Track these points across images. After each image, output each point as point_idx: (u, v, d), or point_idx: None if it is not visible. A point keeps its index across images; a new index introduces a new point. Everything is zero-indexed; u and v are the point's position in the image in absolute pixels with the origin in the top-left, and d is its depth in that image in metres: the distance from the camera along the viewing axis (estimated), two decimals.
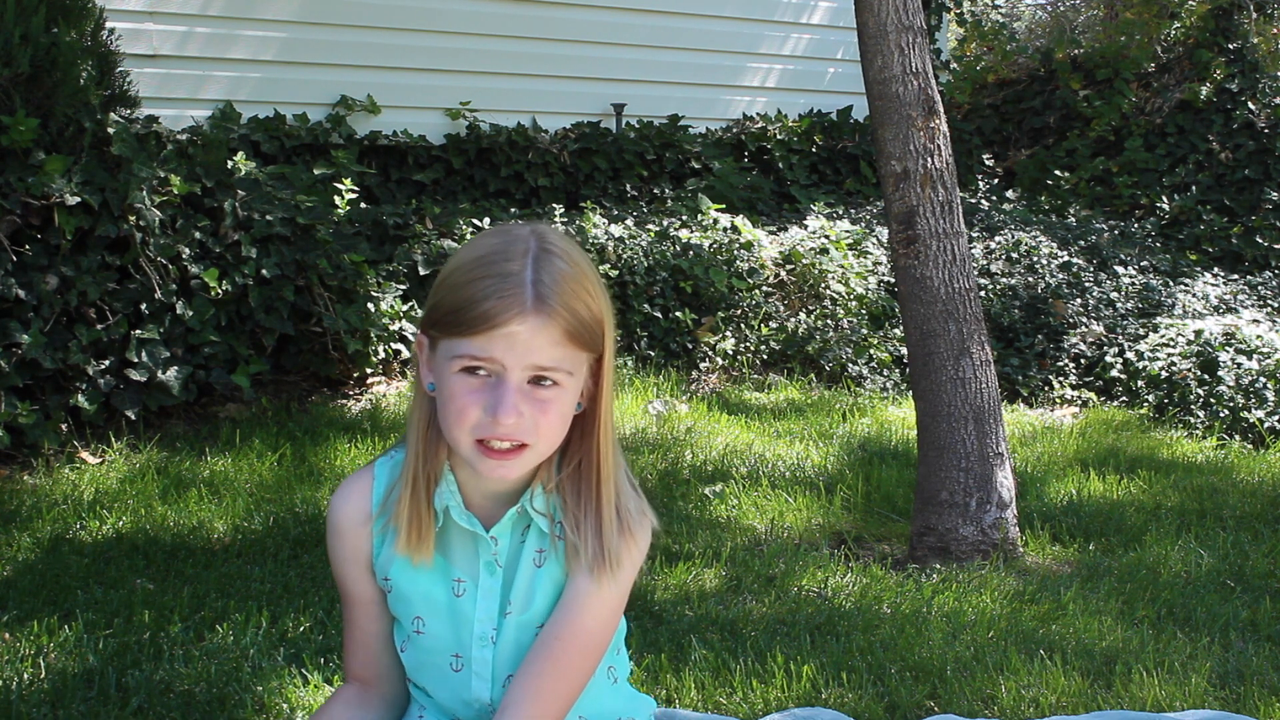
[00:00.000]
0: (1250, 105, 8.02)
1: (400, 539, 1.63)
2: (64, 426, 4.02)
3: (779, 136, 7.71)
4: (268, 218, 4.52)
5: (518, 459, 1.55)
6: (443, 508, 1.64)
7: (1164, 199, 7.90)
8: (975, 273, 4.02)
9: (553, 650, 1.61)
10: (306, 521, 3.51)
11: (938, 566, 3.46)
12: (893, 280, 6.08)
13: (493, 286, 1.50)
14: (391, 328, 4.86)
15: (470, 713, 1.71)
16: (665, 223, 6.09)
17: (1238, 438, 5.21)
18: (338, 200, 5.20)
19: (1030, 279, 6.45)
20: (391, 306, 4.88)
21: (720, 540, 3.56)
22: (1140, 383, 5.72)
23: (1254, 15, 8.29)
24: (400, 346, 4.93)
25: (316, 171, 5.55)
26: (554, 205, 6.35)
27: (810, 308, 6.07)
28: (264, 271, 4.46)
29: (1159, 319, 6.21)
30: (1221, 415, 5.33)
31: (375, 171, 6.21)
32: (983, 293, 6.25)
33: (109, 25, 4.42)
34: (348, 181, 5.33)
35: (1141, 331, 6.11)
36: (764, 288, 6.00)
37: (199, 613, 2.91)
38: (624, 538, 1.63)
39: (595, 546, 1.61)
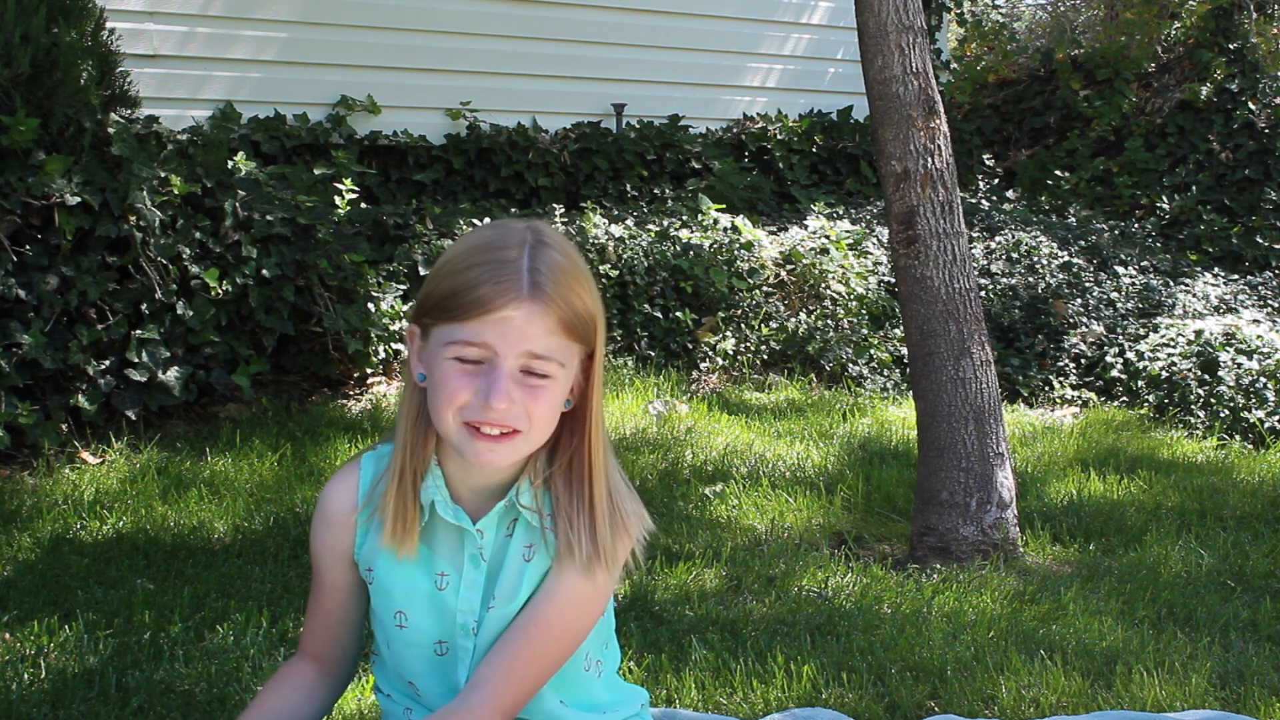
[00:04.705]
0: (1250, 105, 8.02)
1: (386, 530, 1.64)
2: (64, 426, 4.02)
3: (779, 136, 7.71)
4: (268, 218, 4.52)
5: (509, 444, 1.56)
6: (428, 502, 1.65)
7: (1164, 199, 7.90)
8: (975, 273, 4.02)
9: (529, 634, 1.62)
10: (307, 521, 3.50)
11: (938, 566, 3.46)
12: (893, 280, 6.08)
13: (489, 273, 1.51)
14: (392, 328, 4.86)
15: None
16: (665, 223, 6.09)
17: (1238, 438, 5.21)
18: (338, 200, 5.20)
19: (1030, 279, 6.45)
20: (392, 306, 4.88)
21: (720, 540, 3.56)
22: (1140, 383, 5.72)
23: (1254, 15, 8.29)
24: (400, 347, 4.92)
25: (317, 171, 5.55)
26: (554, 205, 6.35)
27: (810, 308, 6.07)
28: (264, 271, 4.46)
29: (1159, 319, 6.21)
30: (1222, 415, 5.33)
31: (375, 171, 6.21)
32: (983, 293, 6.25)
33: (109, 25, 4.42)
34: (348, 181, 5.33)
35: (1142, 331, 6.11)
36: (764, 288, 6.00)
37: (199, 613, 2.91)
38: (618, 534, 1.64)
39: (589, 543, 1.62)
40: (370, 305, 4.78)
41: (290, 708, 1.73)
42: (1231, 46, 8.14)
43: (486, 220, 5.62)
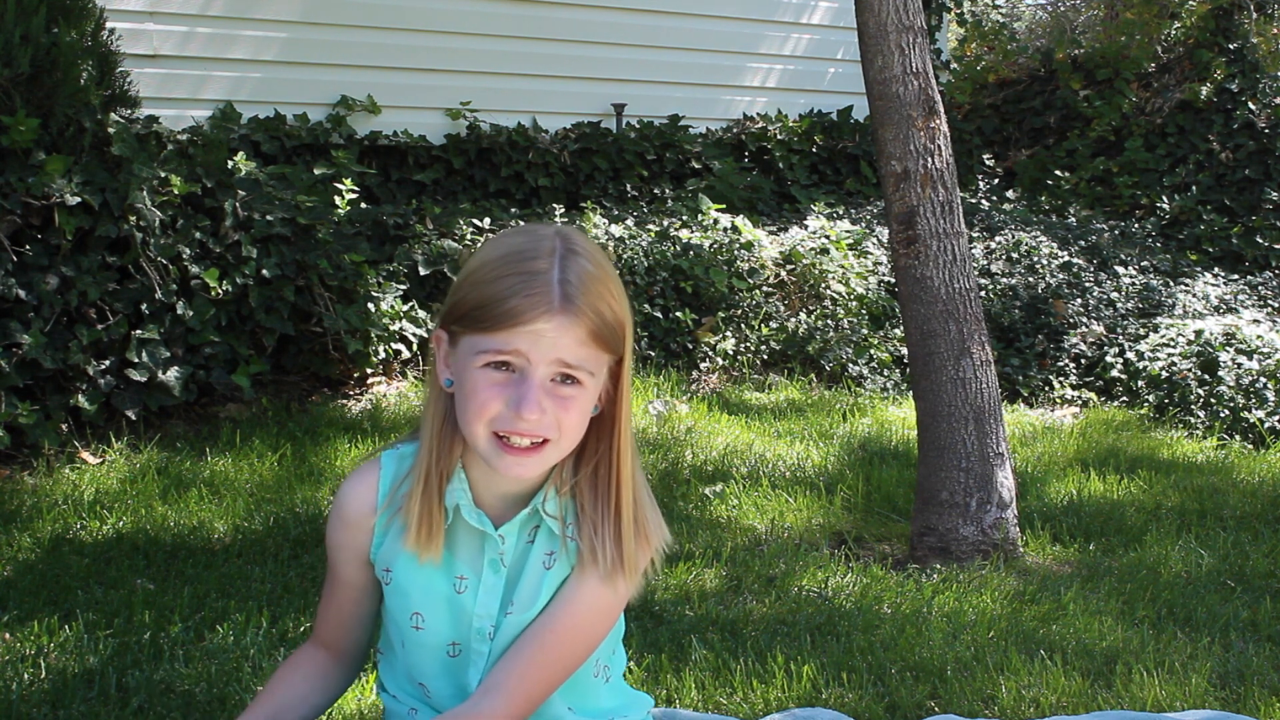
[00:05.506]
0: (1250, 105, 8.02)
1: (410, 536, 1.64)
2: (64, 426, 4.02)
3: (779, 136, 7.71)
4: (268, 218, 4.52)
5: (538, 456, 1.56)
6: (453, 505, 1.64)
7: (1164, 199, 7.90)
8: (975, 273, 4.02)
9: (545, 640, 1.62)
10: (307, 521, 3.51)
11: (938, 566, 3.46)
12: (893, 280, 6.08)
13: (520, 284, 1.50)
14: (392, 328, 4.86)
15: None
16: (665, 223, 6.09)
17: (1238, 438, 5.21)
18: (338, 200, 5.20)
19: (1030, 279, 6.45)
20: (392, 307, 4.88)
21: (720, 540, 3.56)
22: (1140, 383, 5.72)
23: (1254, 15, 8.29)
24: (400, 347, 4.93)
25: (317, 171, 5.55)
26: (554, 205, 6.35)
27: (810, 308, 6.07)
28: (264, 271, 4.46)
29: (1159, 319, 6.21)
30: (1222, 415, 5.33)
31: (375, 171, 6.21)
32: (983, 293, 6.25)
33: (109, 25, 4.42)
34: (348, 181, 5.33)
35: (1142, 331, 6.11)
36: (764, 288, 6.00)
37: (199, 613, 2.91)
38: (641, 544, 1.64)
39: (614, 552, 1.61)
40: (370, 305, 4.78)
41: (303, 694, 1.75)
42: (1231, 46, 8.14)
43: (487, 221, 5.63)
